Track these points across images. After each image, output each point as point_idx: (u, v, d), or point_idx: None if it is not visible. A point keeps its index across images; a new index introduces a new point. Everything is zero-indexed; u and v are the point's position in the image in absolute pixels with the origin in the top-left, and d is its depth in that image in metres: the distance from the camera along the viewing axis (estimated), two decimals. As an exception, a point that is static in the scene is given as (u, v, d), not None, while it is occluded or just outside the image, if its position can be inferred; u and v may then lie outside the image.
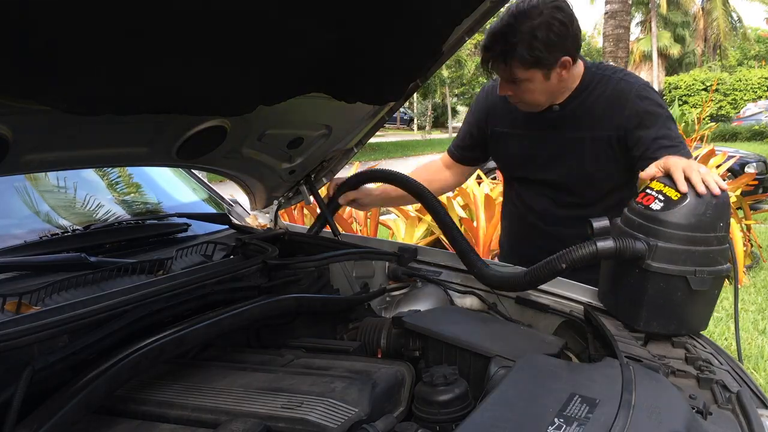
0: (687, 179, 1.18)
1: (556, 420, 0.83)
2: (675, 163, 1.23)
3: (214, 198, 2.13)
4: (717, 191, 1.16)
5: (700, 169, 1.19)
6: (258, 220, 2.08)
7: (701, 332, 1.27)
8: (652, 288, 1.18)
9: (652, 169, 1.27)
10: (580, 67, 1.62)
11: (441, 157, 2.04)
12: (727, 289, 1.30)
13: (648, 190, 1.24)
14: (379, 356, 1.34)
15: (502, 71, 1.57)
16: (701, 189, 1.16)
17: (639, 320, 1.22)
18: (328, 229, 1.95)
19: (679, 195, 1.18)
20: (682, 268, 1.15)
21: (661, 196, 1.20)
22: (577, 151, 1.66)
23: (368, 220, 4.54)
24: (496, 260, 2.10)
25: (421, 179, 1.76)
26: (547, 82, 1.56)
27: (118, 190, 2.11)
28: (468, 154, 1.95)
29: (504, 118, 1.77)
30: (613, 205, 1.64)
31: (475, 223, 4.32)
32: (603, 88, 1.61)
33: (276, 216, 2.00)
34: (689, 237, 1.16)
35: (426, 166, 2.08)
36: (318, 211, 1.94)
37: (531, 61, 1.50)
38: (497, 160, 1.92)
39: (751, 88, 25.72)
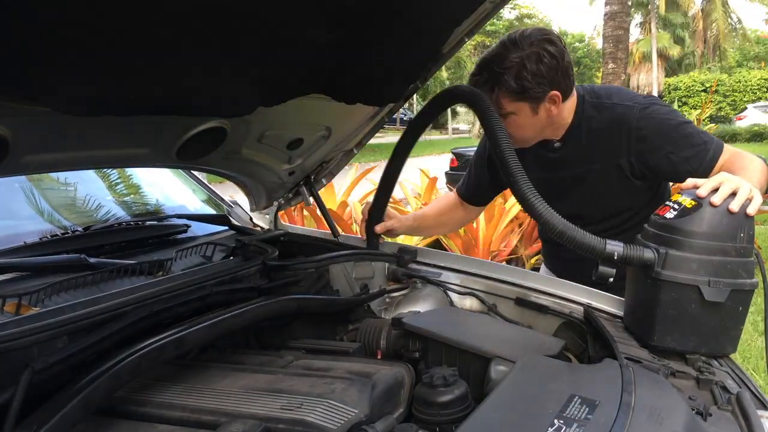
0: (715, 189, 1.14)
1: (555, 421, 0.83)
2: (720, 175, 1.19)
3: (214, 199, 2.13)
4: (735, 209, 1.12)
5: (742, 187, 1.14)
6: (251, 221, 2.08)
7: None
8: (664, 299, 1.14)
9: (691, 182, 1.22)
10: (573, 100, 1.57)
11: (453, 194, 1.96)
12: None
13: (668, 203, 1.21)
14: (379, 357, 1.33)
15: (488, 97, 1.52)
16: (716, 200, 1.12)
17: (653, 334, 1.17)
18: (327, 230, 1.95)
19: (693, 204, 1.15)
20: (694, 277, 1.11)
21: (675, 206, 1.18)
22: (589, 183, 1.61)
23: (368, 221, 4.53)
24: (495, 262, 2.10)
25: (437, 221, 1.94)
26: (535, 117, 1.52)
27: (118, 190, 2.11)
28: (480, 199, 1.92)
29: None
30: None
31: (474, 224, 4.32)
32: (600, 117, 1.56)
33: (276, 217, 2.00)
34: (704, 246, 1.11)
35: (440, 204, 2.03)
36: (318, 212, 1.94)
37: (518, 91, 1.46)
38: None
39: (751, 89, 25.74)
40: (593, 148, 1.57)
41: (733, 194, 1.14)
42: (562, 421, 0.83)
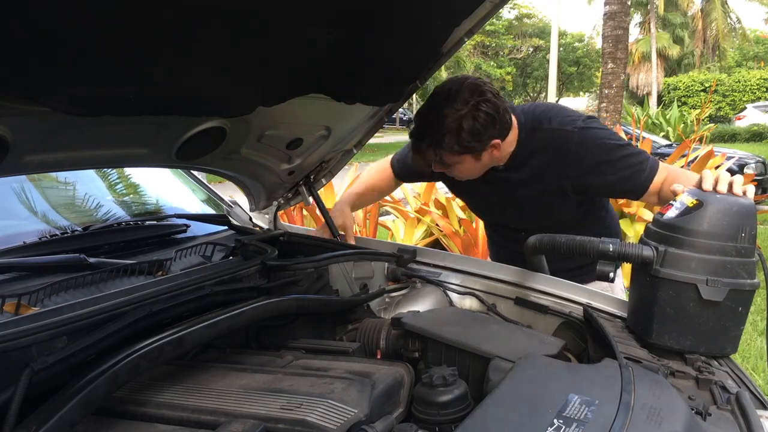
0: (714, 185, 1.21)
1: (555, 421, 0.83)
2: (707, 172, 1.25)
3: (214, 199, 2.13)
4: (739, 192, 1.18)
5: (735, 179, 1.22)
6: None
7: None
8: (662, 296, 1.15)
9: (681, 187, 1.27)
10: (514, 132, 1.62)
11: (388, 170, 2.04)
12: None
13: (671, 201, 1.22)
14: (379, 357, 1.33)
15: (432, 158, 1.59)
16: (722, 187, 1.18)
17: (651, 332, 1.18)
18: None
19: (695, 202, 1.15)
20: (692, 275, 1.11)
21: (678, 204, 1.19)
22: (532, 205, 1.71)
23: (367, 221, 4.54)
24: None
25: (369, 183, 2.07)
26: (478, 162, 1.59)
27: (117, 190, 2.11)
28: (413, 180, 2.09)
29: None
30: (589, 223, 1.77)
31: (474, 224, 4.32)
32: (541, 142, 1.62)
33: (275, 217, 2.00)
34: (703, 244, 1.11)
35: (377, 170, 2.10)
36: (317, 211, 1.94)
37: (460, 150, 1.54)
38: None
39: (750, 89, 25.76)
40: (536, 172, 1.65)
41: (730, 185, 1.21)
42: (561, 421, 0.83)
